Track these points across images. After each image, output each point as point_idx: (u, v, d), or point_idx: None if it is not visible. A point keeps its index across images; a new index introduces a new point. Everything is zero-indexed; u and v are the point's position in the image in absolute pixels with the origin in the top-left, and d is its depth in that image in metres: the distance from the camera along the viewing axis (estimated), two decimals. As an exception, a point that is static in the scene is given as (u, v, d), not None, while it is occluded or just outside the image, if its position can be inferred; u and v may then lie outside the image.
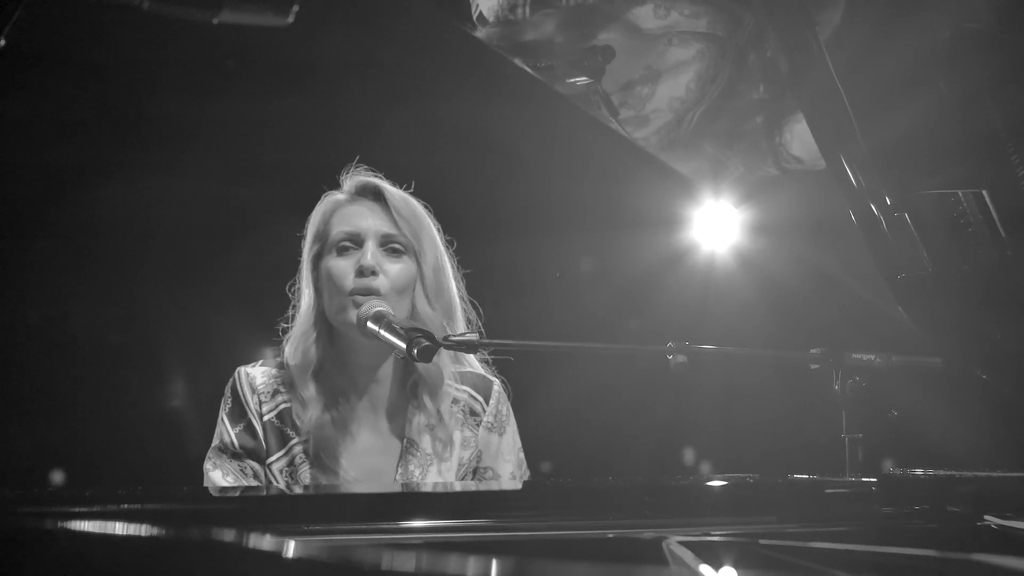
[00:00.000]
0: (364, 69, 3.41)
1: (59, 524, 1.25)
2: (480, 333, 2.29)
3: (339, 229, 2.24)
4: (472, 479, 2.34)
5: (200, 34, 2.94)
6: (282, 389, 2.24)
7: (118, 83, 3.29)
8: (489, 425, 2.36)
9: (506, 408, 2.40)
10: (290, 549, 1.13)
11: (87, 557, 1.24)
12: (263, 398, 2.23)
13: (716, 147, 3.49)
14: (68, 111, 3.28)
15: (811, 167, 3.35)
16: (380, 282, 2.18)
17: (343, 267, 2.21)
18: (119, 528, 1.22)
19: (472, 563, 1.06)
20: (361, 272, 2.18)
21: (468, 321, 2.34)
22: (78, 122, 3.31)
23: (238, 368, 2.28)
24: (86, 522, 1.26)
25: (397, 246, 2.24)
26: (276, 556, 1.14)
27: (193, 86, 3.33)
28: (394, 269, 2.22)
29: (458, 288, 2.34)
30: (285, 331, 2.32)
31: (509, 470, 2.36)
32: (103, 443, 3.36)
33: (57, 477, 3.41)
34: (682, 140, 3.44)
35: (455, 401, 2.33)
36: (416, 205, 2.30)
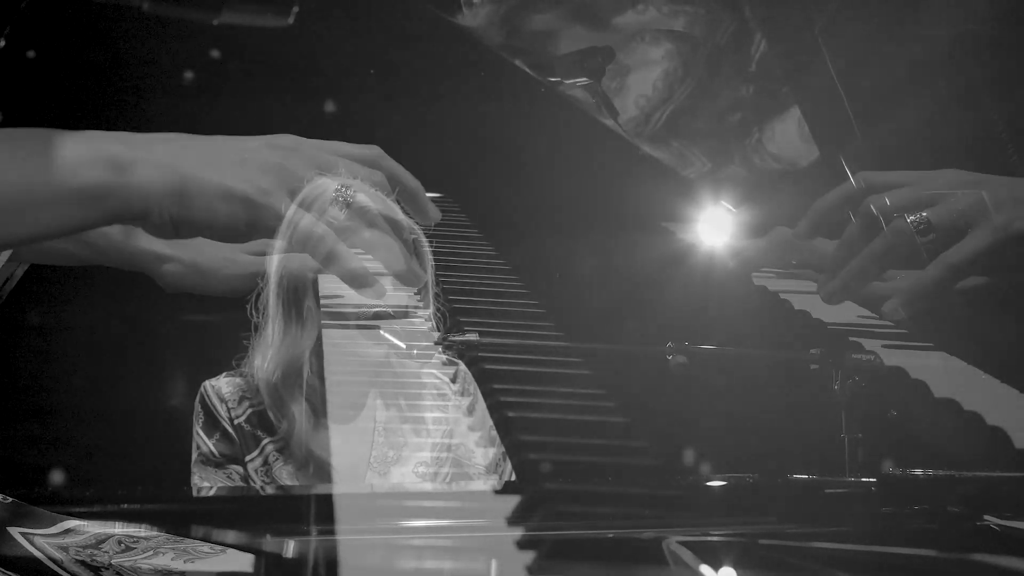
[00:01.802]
0: (364, 69, 3.41)
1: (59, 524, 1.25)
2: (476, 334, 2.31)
3: None
4: (447, 456, 2.37)
5: (200, 34, 2.94)
6: (248, 396, 2.32)
7: (118, 83, 3.29)
8: (457, 404, 2.40)
9: (472, 387, 2.44)
10: (290, 549, 1.13)
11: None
12: (231, 405, 2.30)
13: (681, 143, 3.46)
14: (68, 111, 3.27)
15: (788, 167, 3.33)
16: None
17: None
18: (119, 528, 1.22)
19: (472, 563, 1.06)
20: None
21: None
22: (78, 122, 3.30)
23: (203, 383, 2.33)
24: (86, 523, 1.26)
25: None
26: (276, 556, 1.14)
27: (193, 86, 3.33)
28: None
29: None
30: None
31: (482, 447, 2.40)
32: (103, 443, 3.36)
33: (57, 477, 3.40)
34: (649, 136, 3.42)
35: (424, 383, 2.37)
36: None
